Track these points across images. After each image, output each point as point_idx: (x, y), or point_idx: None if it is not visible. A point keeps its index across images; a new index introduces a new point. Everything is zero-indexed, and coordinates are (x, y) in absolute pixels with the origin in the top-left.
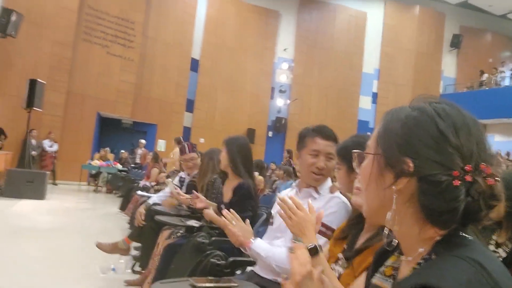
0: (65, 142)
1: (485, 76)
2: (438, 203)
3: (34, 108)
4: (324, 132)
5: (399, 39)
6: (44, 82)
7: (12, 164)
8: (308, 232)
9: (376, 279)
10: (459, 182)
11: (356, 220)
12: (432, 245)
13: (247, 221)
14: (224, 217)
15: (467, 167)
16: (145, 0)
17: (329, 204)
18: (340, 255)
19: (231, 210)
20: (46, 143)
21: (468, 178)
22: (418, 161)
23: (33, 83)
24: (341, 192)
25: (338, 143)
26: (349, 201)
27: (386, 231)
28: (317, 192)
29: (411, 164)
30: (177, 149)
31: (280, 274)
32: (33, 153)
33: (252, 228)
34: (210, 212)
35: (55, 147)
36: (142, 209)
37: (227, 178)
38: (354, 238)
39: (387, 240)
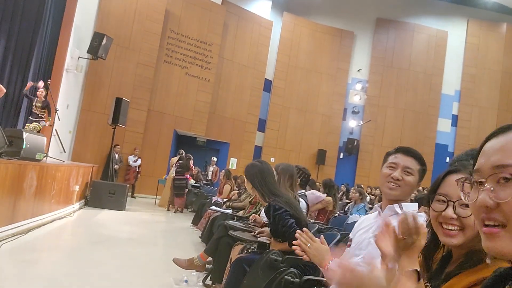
0: (144, 157)
1: None
2: None
3: (118, 124)
4: (406, 149)
5: (483, 59)
6: (129, 101)
7: (97, 176)
8: (414, 256)
9: None
10: None
11: (433, 247)
12: None
13: (322, 237)
14: (299, 239)
15: None
16: (222, 24)
17: None
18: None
19: (304, 228)
20: (131, 158)
21: None
22: None
23: (118, 102)
24: None
25: (420, 161)
26: None
27: None
28: (401, 208)
29: None
30: None
31: None
32: (116, 166)
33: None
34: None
35: (139, 162)
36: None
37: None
38: (441, 266)
39: None
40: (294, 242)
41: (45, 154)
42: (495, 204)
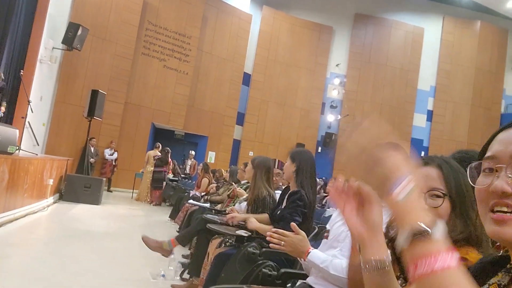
0: (120, 150)
1: None
2: None
3: (94, 117)
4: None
5: (458, 56)
6: (105, 93)
7: (72, 169)
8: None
9: None
10: None
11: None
12: None
13: (293, 224)
14: (271, 241)
15: None
16: (201, 16)
17: None
18: (399, 274)
19: (274, 229)
20: (107, 152)
21: None
22: None
23: (94, 94)
24: None
25: None
26: None
27: None
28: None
29: None
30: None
31: (337, 283)
32: (92, 160)
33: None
34: (253, 222)
35: (115, 156)
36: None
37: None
38: None
39: None
40: (267, 238)
41: (17, 147)
42: None
